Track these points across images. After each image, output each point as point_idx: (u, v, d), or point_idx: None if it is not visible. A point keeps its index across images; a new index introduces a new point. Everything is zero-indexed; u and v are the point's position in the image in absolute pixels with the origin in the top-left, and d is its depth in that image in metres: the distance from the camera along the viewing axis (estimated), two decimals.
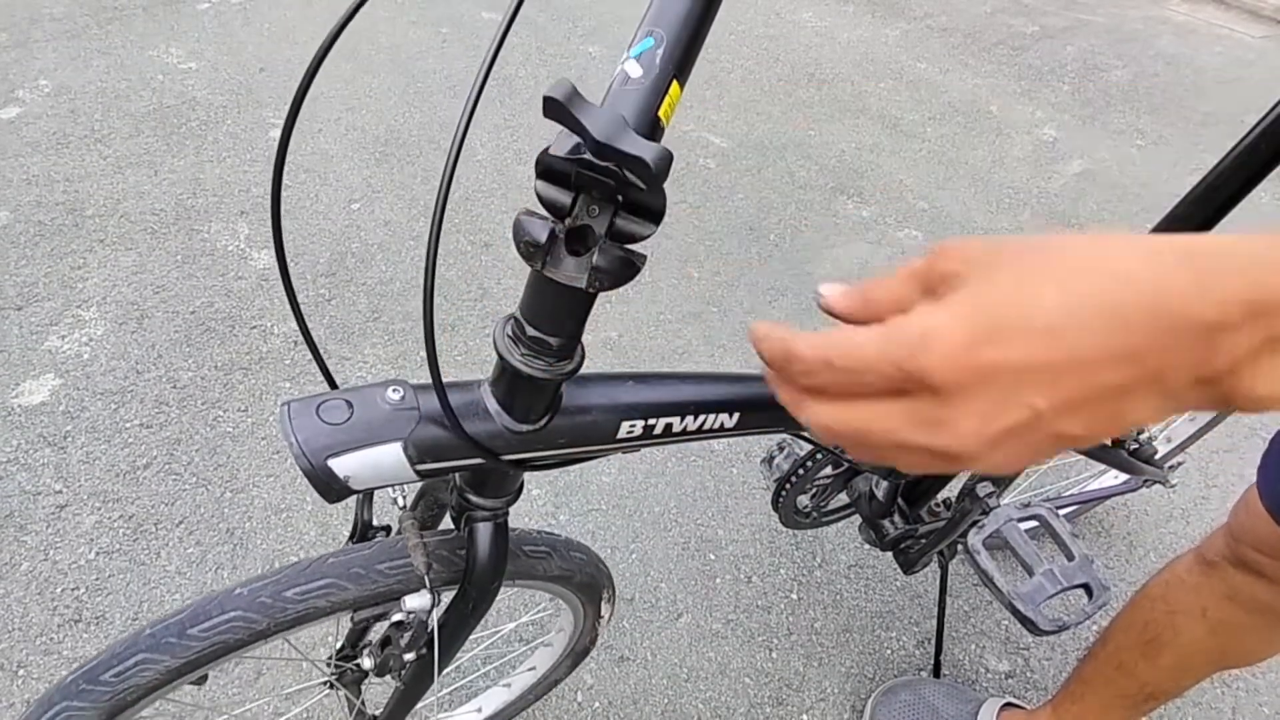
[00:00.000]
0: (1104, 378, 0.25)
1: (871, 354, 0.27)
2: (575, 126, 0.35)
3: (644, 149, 0.34)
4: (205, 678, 0.60)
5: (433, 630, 0.64)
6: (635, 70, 0.38)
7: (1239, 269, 0.24)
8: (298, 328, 0.36)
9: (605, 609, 0.85)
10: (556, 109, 0.34)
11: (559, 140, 0.38)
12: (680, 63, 0.39)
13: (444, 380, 0.51)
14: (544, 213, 0.40)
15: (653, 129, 0.38)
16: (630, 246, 0.41)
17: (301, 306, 1.75)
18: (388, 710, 0.81)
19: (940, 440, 0.28)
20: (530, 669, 1.02)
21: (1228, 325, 0.24)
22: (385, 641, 0.65)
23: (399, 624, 0.63)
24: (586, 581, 0.78)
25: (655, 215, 0.39)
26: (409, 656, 0.66)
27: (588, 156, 0.37)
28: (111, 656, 0.56)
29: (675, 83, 0.39)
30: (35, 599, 1.16)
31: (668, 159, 0.35)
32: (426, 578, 0.59)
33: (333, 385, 0.52)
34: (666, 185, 0.37)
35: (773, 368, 0.31)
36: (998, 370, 0.26)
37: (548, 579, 0.74)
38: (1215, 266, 0.24)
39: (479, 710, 1.04)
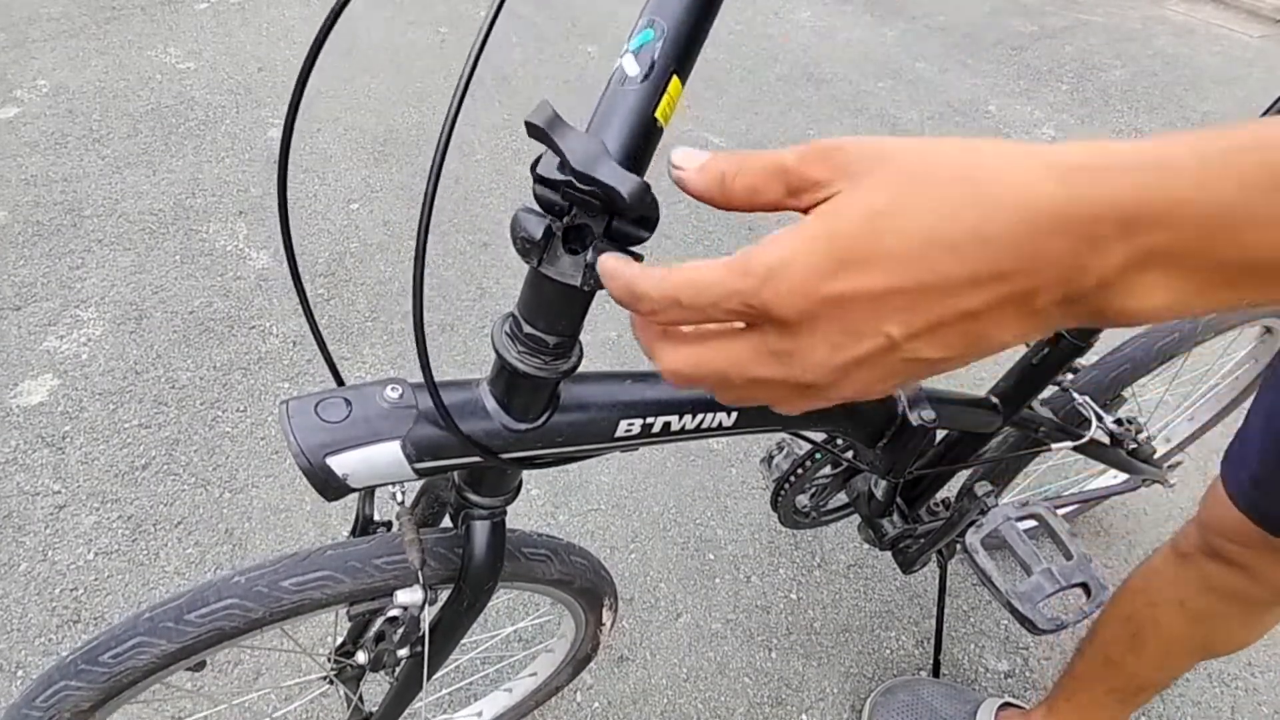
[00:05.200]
0: (966, 301, 0.24)
1: (719, 291, 0.26)
2: (556, 151, 0.35)
3: (621, 180, 0.34)
4: (203, 664, 0.60)
5: (425, 627, 0.64)
6: (632, 67, 0.37)
7: (1111, 181, 0.22)
8: (307, 324, 0.36)
9: (607, 616, 0.85)
10: (539, 133, 0.34)
11: (547, 158, 0.38)
12: (681, 57, 0.37)
13: (443, 379, 0.51)
14: (541, 210, 0.40)
15: (649, 132, 0.38)
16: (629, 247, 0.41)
17: (301, 307, 1.74)
18: (382, 708, 0.81)
19: (792, 372, 0.27)
20: (531, 674, 1.02)
21: (1099, 240, 0.22)
22: (379, 637, 0.65)
23: (393, 619, 0.63)
24: (587, 587, 0.78)
25: (649, 224, 0.39)
26: (402, 652, 0.66)
27: (571, 178, 0.37)
28: (110, 638, 0.56)
29: (675, 78, 0.37)
30: (34, 599, 1.16)
31: (642, 191, 0.35)
32: (420, 573, 0.59)
33: (339, 382, 0.52)
34: (665, 184, 0.37)
35: (622, 306, 0.30)
36: (849, 300, 0.25)
37: (547, 582, 0.74)
38: (1087, 179, 0.22)
39: (479, 714, 1.04)
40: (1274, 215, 0.21)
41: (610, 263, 0.30)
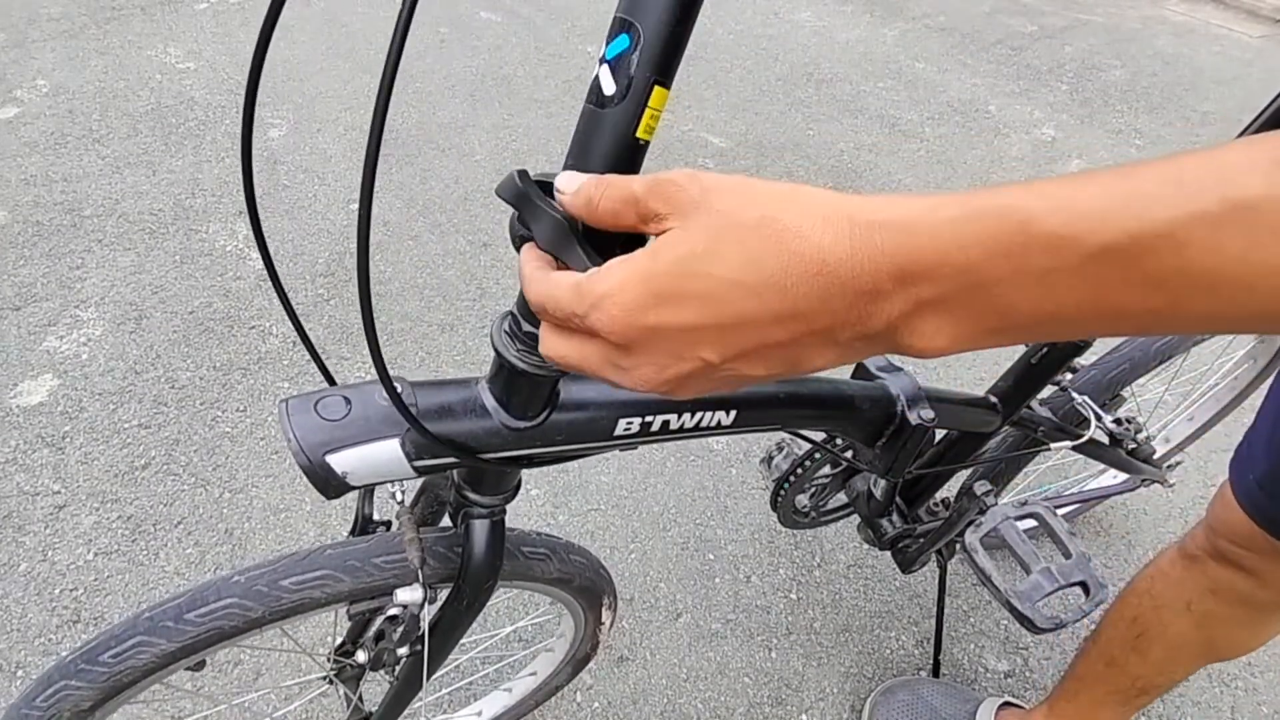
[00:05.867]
0: (771, 335, 0.27)
1: (565, 309, 0.31)
2: (525, 224, 0.36)
3: (582, 264, 0.34)
4: (203, 664, 0.60)
5: (424, 626, 0.64)
6: (609, 84, 0.35)
7: (890, 239, 0.25)
8: (293, 327, 0.36)
9: (606, 615, 0.85)
10: (508, 202, 0.36)
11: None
12: (662, 64, 0.34)
13: (442, 378, 0.51)
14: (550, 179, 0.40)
15: (631, 154, 0.37)
16: None
17: (300, 306, 1.74)
18: (382, 707, 0.81)
19: (627, 381, 0.31)
20: (531, 674, 1.02)
21: (880, 293, 0.25)
22: (379, 635, 0.65)
23: (392, 618, 0.63)
24: (586, 586, 0.78)
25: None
26: (402, 651, 0.66)
27: None
28: (110, 638, 0.56)
29: (658, 87, 0.35)
30: (34, 599, 1.16)
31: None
32: (419, 572, 0.59)
33: (331, 381, 0.52)
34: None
35: None
36: (664, 331, 0.28)
37: (546, 581, 0.74)
38: (871, 237, 0.25)
39: (479, 714, 1.04)
40: (1015, 278, 0.24)
41: (522, 264, 0.35)
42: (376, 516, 0.68)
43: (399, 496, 0.63)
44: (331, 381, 0.53)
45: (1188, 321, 0.23)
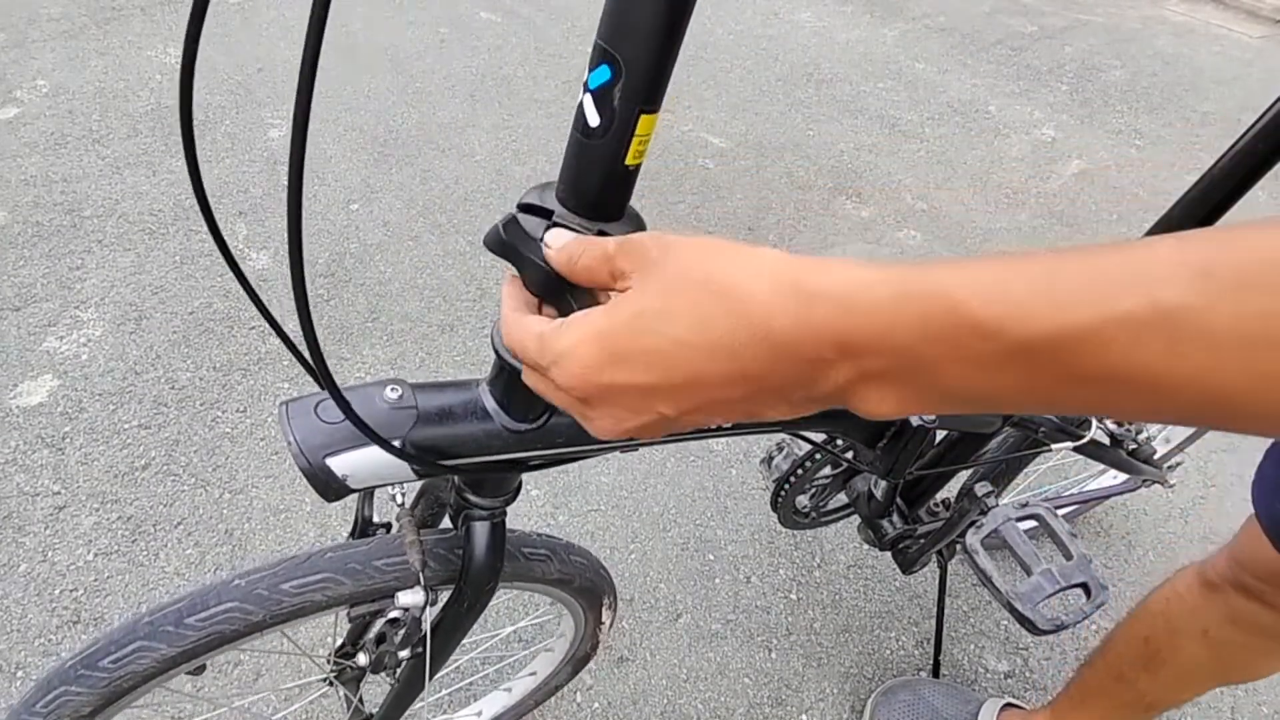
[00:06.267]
0: (723, 393, 0.28)
1: (532, 359, 0.33)
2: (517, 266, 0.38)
3: (568, 309, 0.36)
4: (203, 668, 0.60)
5: (426, 628, 0.64)
6: (593, 116, 0.34)
7: (830, 314, 0.25)
8: (300, 328, 0.35)
9: (606, 615, 0.85)
10: (497, 254, 0.39)
11: (529, 195, 0.40)
12: (646, 94, 0.33)
13: (442, 380, 0.51)
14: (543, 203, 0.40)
15: (621, 180, 0.36)
16: None
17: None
18: (383, 709, 0.81)
19: (590, 428, 0.33)
20: (531, 674, 1.02)
21: (824, 361, 0.26)
22: (380, 638, 0.65)
23: (394, 621, 0.63)
24: (586, 586, 0.78)
25: None
26: (403, 654, 0.66)
27: None
28: (110, 643, 0.56)
29: (644, 115, 0.34)
30: (34, 600, 1.16)
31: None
32: (421, 574, 0.59)
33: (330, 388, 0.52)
34: (665, 185, 0.37)
35: None
36: (620, 389, 0.29)
37: (547, 582, 0.74)
38: (814, 309, 0.26)
39: (479, 714, 1.04)
40: (948, 361, 0.24)
41: (503, 300, 0.38)
42: (376, 518, 0.68)
43: (399, 499, 0.63)
44: (323, 387, 0.52)
45: (1124, 413, 0.24)
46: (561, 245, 0.35)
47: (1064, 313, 0.22)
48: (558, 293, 0.38)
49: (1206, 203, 0.66)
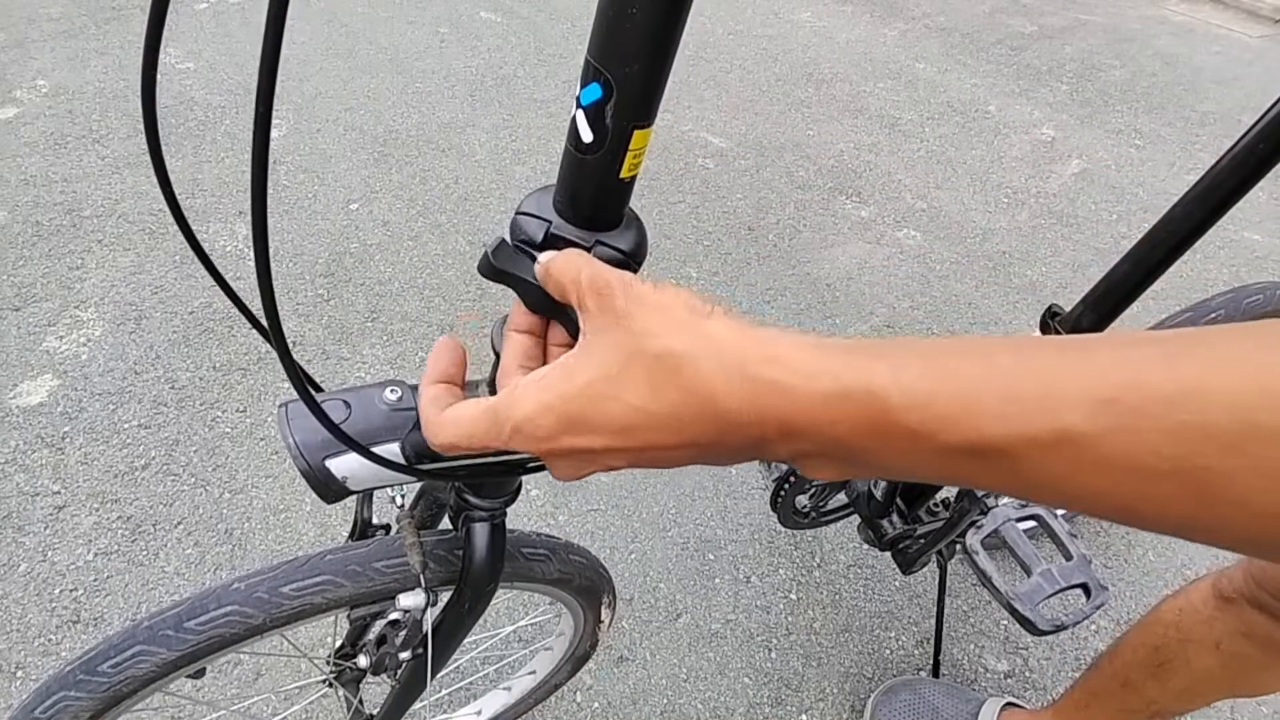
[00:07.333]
0: (675, 456, 0.30)
1: (482, 441, 0.34)
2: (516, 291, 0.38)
3: (572, 326, 0.35)
4: (203, 671, 0.60)
5: (427, 630, 0.64)
6: (586, 132, 0.34)
7: (772, 401, 0.27)
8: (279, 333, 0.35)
9: (605, 614, 0.85)
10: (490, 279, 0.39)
11: (528, 201, 0.39)
12: (638, 111, 0.33)
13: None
14: (540, 213, 0.40)
15: (617, 195, 0.36)
16: None
17: (299, 307, 1.73)
18: (384, 710, 0.81)
19: (551, 473, 0.34)
20: (530, 673, 1.02)
21: (768, 439, 0.28)
22: (381, 640, 0.65)
23: (394, 622, 0.63)
24: (586, 586, 0.78)
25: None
26: (404, 655, 0.66)
27: None
28: (109, 648, 0.56)
29: (638, 130, 0.34)
30: (33, 600, 1.16)
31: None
32: (421, 576, 0.59)
33: (317, 389, 0.51)
34: (665, 185, 0.37)
35: None
36: (576, 451, 0.31)
37: (546, 582, 0.74)
38: (758, 394, 0.27)
39: (479, 713, 1.04)
40: (881, 453, 0.26)
41: (421, 410, 0.38)
42: (376, 520, 0.68)
43: (399, 500, 0.63)
44: (317, 388, 0.52)
45: (1053, 506, 0.25)
46: (547, 261, 0.36)
47: (981, 431, 0.24)
48: (558, 309, 0.37)
49: (1207, 202, 0.66)
